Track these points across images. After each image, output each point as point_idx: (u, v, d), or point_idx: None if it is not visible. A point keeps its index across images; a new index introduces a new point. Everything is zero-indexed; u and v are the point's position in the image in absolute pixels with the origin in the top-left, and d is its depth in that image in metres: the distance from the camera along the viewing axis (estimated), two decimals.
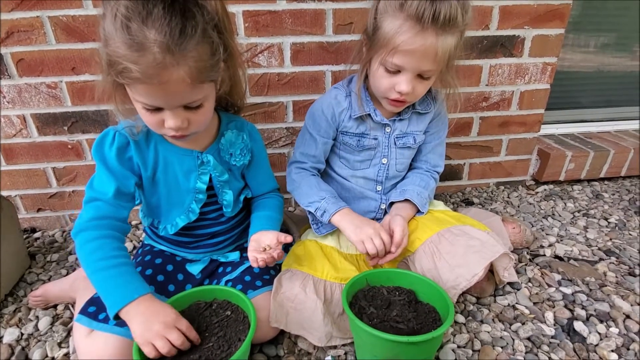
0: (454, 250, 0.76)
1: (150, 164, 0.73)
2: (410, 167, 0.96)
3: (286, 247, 0.96)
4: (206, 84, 0.62)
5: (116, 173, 0.70)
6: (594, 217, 1.22)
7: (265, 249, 0.73)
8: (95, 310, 0.69)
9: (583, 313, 0.83)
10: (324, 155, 0.90)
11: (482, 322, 0.82)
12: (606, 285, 0.91)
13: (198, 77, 0.58)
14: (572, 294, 0.89)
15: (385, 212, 0.94)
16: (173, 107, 0.61)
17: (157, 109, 0.61)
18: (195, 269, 0.84)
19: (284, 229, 1.04)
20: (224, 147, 0.78)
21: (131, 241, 1.13)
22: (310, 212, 0.87)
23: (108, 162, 0.70)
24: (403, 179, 0.95)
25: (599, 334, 0.78)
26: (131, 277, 0.64)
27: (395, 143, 0.88)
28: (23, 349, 0.78)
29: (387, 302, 0.72)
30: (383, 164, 0.90)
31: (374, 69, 0.77)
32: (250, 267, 0.82)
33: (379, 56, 0.73)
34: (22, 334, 0.81)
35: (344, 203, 0.83)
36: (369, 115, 0.84)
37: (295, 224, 1.07)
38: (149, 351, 0.58)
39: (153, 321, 0.59)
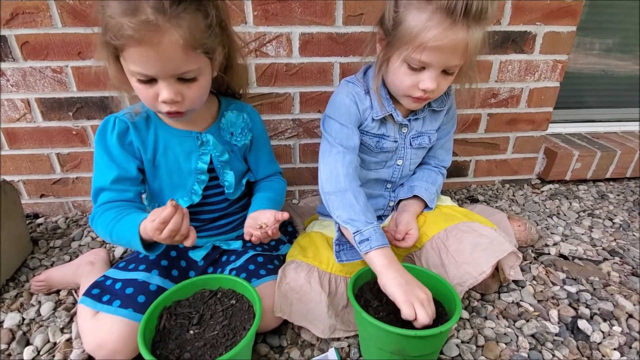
0: (462, 247, 0.75)
1: (150, 147, 0.74)
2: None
3: (291, 239, 0.96)
4: (200, 53, 0.62)
5: (116, 159, 0.72)
6: (599, 218, 1.22)
7: (261, 226, 0.71)
8: (99, 292, 0.70)
9: (587, 312, 0.83)
10: None
11: (486, 318, 0.82)
12: (610, 285, 0.91)
13: (192, 42, 0.58)
14: (577, 292, 0.89)
15: (393, 209, 0.93)
16: (166, 75, 0.61)
17: (151, 81, 0.62)
18: (197, 256, 0.83)
19: (288, 222, 1.03)
20: (225, 127, 0.79)
21: None
22: (339, 230, 0.75)
23: (109, 149, 0.72)
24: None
25: (602, 332, 0.78)
26: (138, 215, 0.66)
27: (411, 144, 0.85)
28: (24, 334, 0.78)
29: None
30: (398, 165, 0.87)
31: (395, 66, 0.71)
32: (254, 256, 0.82)
33: (401, 53, 0.68)
34: (23, 319, 0.81)
35: (387, 240, 0.70)
36: (391, 115, 0.80)
37: (299, 215, 1.07)
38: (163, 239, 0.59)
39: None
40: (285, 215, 0.70)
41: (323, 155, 0.79)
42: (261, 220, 0.72)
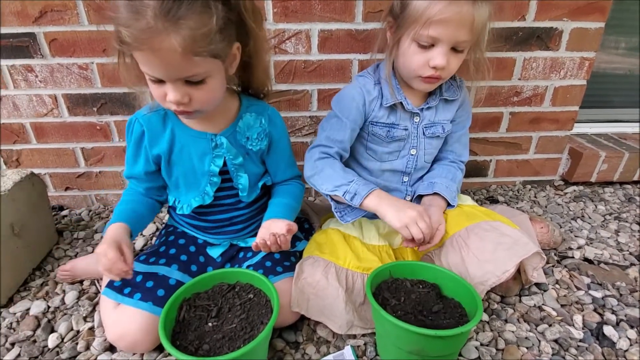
0: (484, 246, 0.74)
1: (165, 147, 0.74)
2: (435, 158, 0.94)
3: (307, 236, 0.96)
4: (204, 57, 0.59)
5: (135, 159, 0.76)
6: (626, 221, 1.17)
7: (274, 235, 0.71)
8: (120, 284, 0.71)
9: (613, 318, 0.80)
10: (350, 144, 0.86)
11: (506, 321, 0.80)
12: (637, 291, 0.88)
13: (191, 48, 0.56)
14: (602, 298, 0.86)
15: None
16: (172, 79, 0.61)
17: (161, 81, 0.62)
18: (215, 252, 0.85)
19: (304, 219, 1.03)
20: (241, 130, 0.77)
21: (154, 223, 1.14)
22: (333, 200, 0.81)
23: (130, 148, 0.76)
24: (429, 170, 0.93)
25: (629, 339, 0.75)
26: (124, 206, 0.76)
27: (424, 133, 0.86)
28: (49, 321, 0.80)
29: (410, 294, 0.70)
30: (412, 155, 0.87)
31: (405, 47, 0.74)
32: (271, 253, 0.82)
33: (410, 32, 0.72)
34: (48, 307, 0.84)
35: (374, 185, 0.78)
36: (401, 103, 0.82)
37: (316, 213, 1.06)
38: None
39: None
40: (294, 227, 0.71)
41: (308, 149, 0.85)
42: (274, 231, 0.71)
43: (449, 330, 0.57)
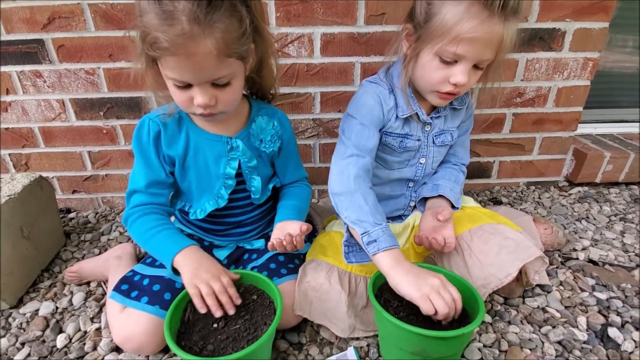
0: (487, 249, 0.73)
1: (181, 150, 0.75)
2: None
3: (310, 237, 0.96)
4: (233, 59, 0.62)
5: (150, 162, 0.74)
6: (632, 222, 1.16)
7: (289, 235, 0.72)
8: (127, 288, 0.72)
9: (618, 319, 0.80)
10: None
11: (509, 322, 0.80)
12: None
13: (225, 50, 0.59)
14: (607, 299, 0.85)
15: (414, 209, 0.93)
16: (201, 82, 0.62)
17: (187, 86, 0.63)
18: (221, 254, 0.86)
19: (308, 220, 1.04)
20: (254, 133, 0.78)
21: None
22: (348, 231, 0.74)
23: (144, 151, 0.74)
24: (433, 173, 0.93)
25: (634, 341, 0.75)
26: (175, 235, 0.71)
27: (434, 142, 0.84)
28: (57, 322, 0.82)
29: None
30: (421, 163, 0.86)
31: (425, 60, 0.71)
32: (275, 255, 0.83)
33: (433, 46, 0.67)
34: (57, 308, 0.85)
35: (397, 241, 0.69)
36: (416, 114, 0.79)
37: (319, 215, 1.07)
38: (193, 292, 0.63)
39: (201, 270, 0.65)
40: (309, 228, 0.73)
41: (336, 156, 0.78)
42: (288, 232, 0.73)
43: (451, 331, 0.58)
